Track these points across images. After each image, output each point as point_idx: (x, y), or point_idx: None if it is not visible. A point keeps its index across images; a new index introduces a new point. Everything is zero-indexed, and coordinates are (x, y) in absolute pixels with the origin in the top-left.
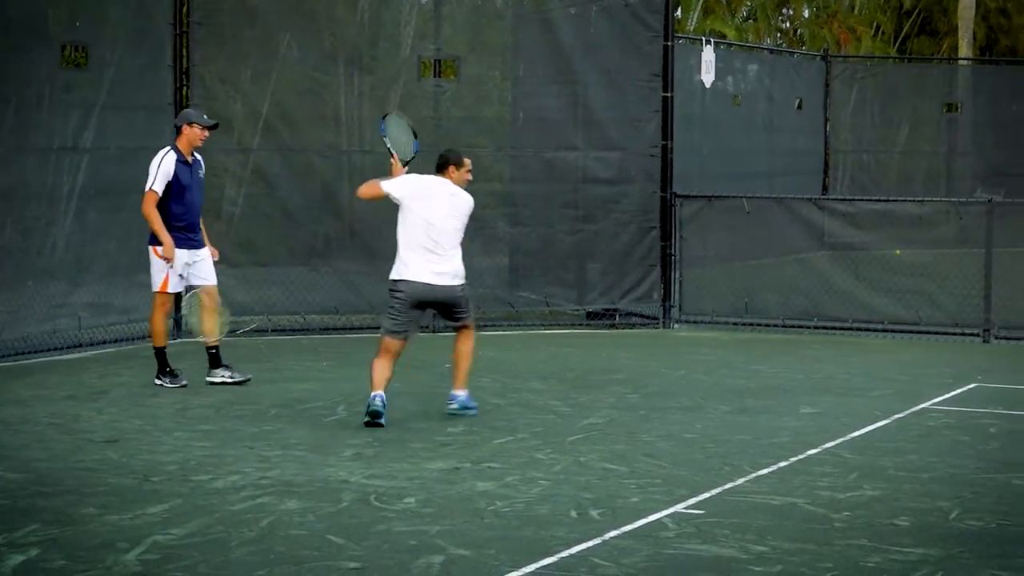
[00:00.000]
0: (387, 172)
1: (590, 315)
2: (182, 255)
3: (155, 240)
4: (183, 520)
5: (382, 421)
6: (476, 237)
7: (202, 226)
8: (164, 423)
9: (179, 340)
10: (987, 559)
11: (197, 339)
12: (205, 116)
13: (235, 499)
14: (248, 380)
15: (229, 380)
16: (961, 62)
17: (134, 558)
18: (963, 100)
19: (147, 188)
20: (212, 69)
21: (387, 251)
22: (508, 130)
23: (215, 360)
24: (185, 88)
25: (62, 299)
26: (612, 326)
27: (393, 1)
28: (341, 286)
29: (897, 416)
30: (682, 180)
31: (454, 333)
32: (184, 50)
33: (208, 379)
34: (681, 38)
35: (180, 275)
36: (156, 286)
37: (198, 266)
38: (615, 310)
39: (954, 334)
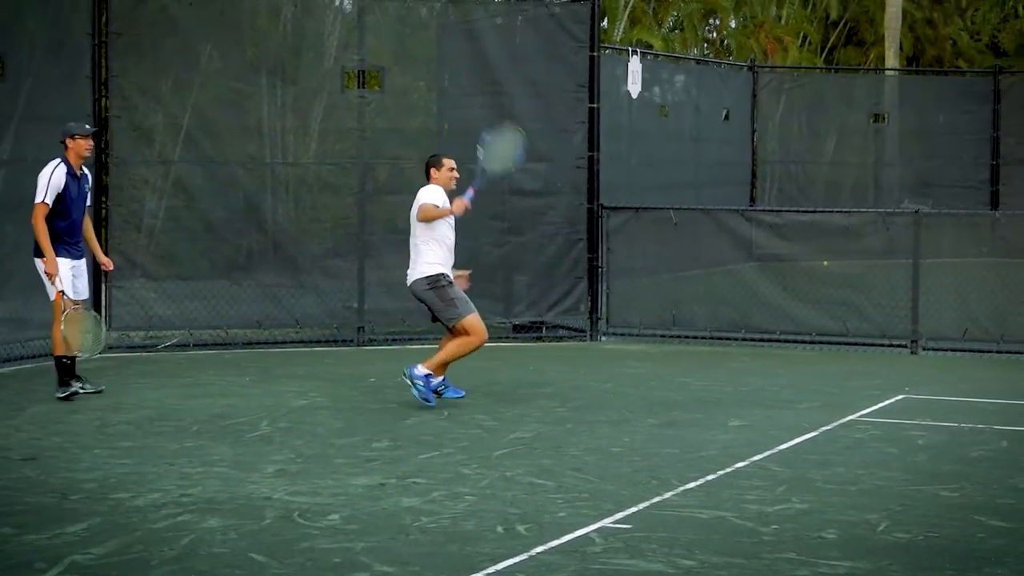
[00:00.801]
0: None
1: (517, 328)
2: (65, 263)
3: (40, 253)
4: (102, 539)
5: None
6: (402, 249)
7: (91, 235)
8: (83, 440)
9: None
10: (916, 571)
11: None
12: (86, 126)
13: (156, 517)
14: (101, 391)
15: (81, 391)
16: (888, 72)
17: None
18: (890, 111)
19: (37, 201)
20: (132, 80)
21: (310, 264)
22: (434, 141)
23: (70, 371)
24: (104, 99)
25: None
26: (539, 339)
27: (316, 11)
28: (264, 299)
29: (825, 428)
30: (609, 191)
31: (383, 347)
32: (103, 60)
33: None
34: (607, 48)
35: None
36: (52, 295)
37: (75, 279)
38: (542, 323)
39: (882, 345)
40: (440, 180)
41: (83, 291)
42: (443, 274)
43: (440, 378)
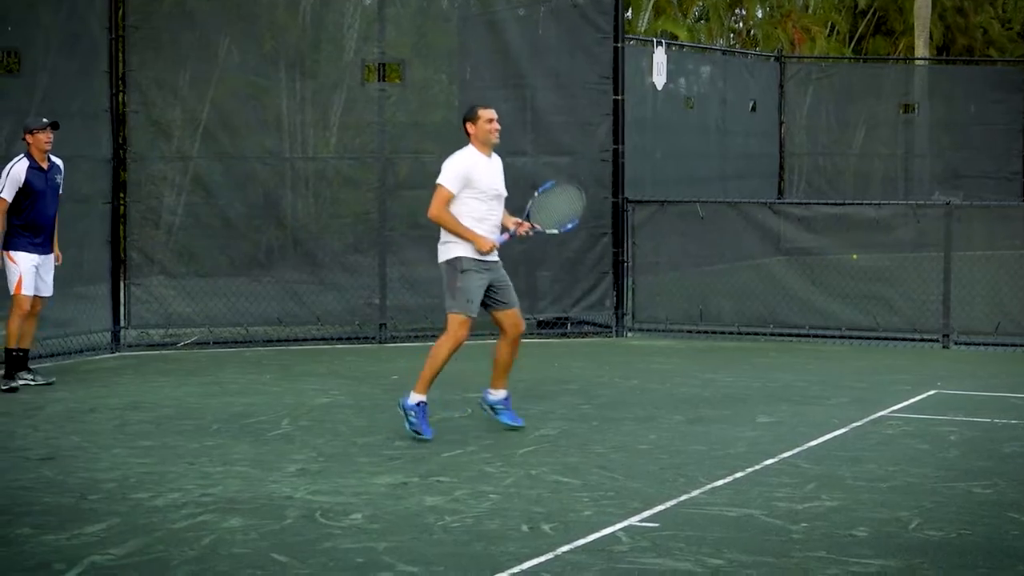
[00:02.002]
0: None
1: (541, 324)
2: (31, 259)
3: (7, 246)
4: (122, 539)
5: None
6: (424, 245)
7: (55, 231)
8: (102, 439)
9: (117, 353)
10: (948, 570)
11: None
12: (44, 120)
13: (176, 517)
14: (52, 383)
15: (32, 383)
16: (918, 62)
17: None
18: (920, 101)
19: None
20: (149, 74)
21: (331, 260)
22: (455, 135)
23: (20, 364)
24: (121, 94)
25: None
26: (563, 335)
27: (336, 3)
28: (284, 296)
29: (855, 424)
30: (634, 185)
31: (405, 344)
32: (120, 55)
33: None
34: (632, 39)
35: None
36: (12, 288)
37: (41, 273)
38: (566, 319)
39: (912, 340)
40: (479, 136)
41: (44, 289)
42: (461, 258)
43: (501, 395)
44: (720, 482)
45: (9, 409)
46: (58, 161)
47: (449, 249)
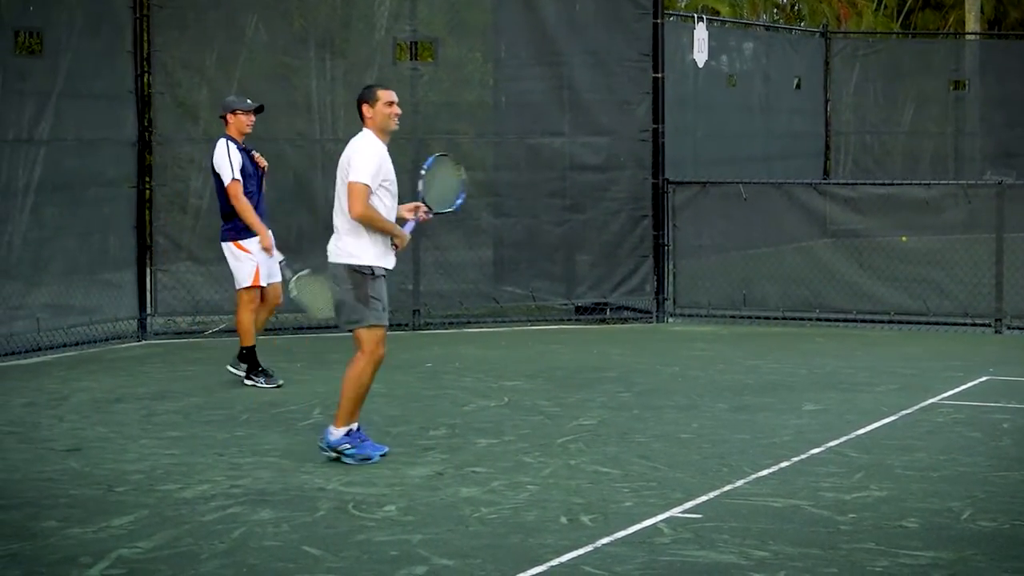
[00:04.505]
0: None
1: (579, 310)
2: (257, 246)
3: (240, 234)
4: (150, 532)
5: None
6: (457, 229)
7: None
8: (129, 430)
9: (144, 341)
10: (1001, 561)
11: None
12: (249, 101)
13: (205, 509)
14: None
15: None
16: (968, 37)
17: (98, 573)
18: (971, 77)
19: (228, 180)
20: (175, 54)
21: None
22: (490, 115)
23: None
24: (146, 75)
25: (19, 300)
26: (603, 321)
27: None
28: None
29: (904, 412)
30: (675, 166)
31: (439, 331)
32: (145, 34)
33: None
34: (672, 15)
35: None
36: (248, 280)
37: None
38: (606, 304)
39: (964, 324)
40: (376, 121)
41: (277, 273)
42: (373, 265)
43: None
44: (765, 472)
45: (34, 399)
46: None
47: (360, 253)
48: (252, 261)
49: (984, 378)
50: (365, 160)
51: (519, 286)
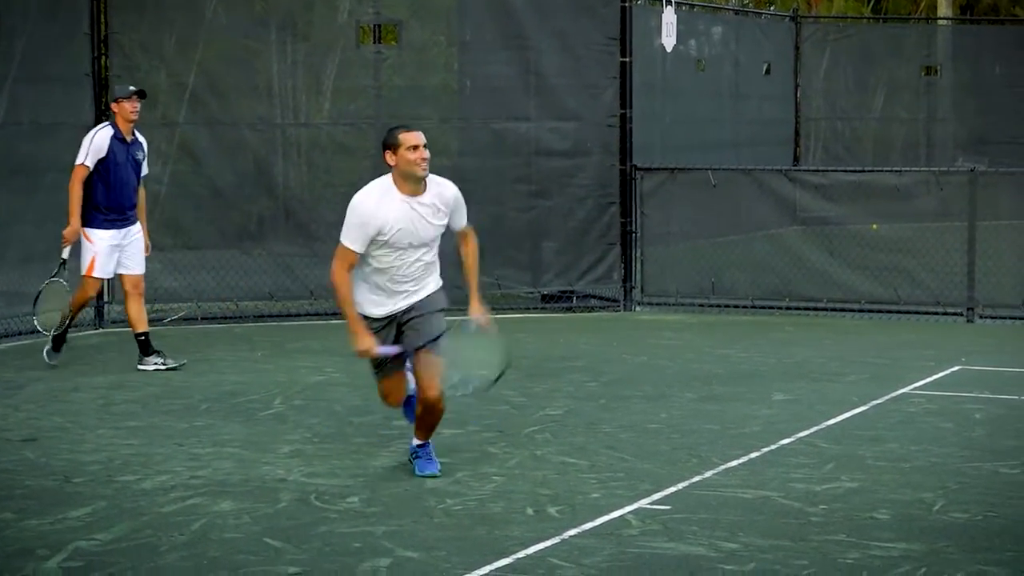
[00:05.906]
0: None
1: (545, 298)
2: (107, 237)
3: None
4: (108, 524)
5: None
6: None
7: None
8: (86, 420)
9: (101, 329)
10: (973, 553)
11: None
12: (130, 87)
13: (164, 501)
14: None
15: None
16: (940, 22)
17: (55, 565)
18: (943, 63)
19: (77, 162)
20: (133, 37)
21: (324, 232)
22: (455, 100)
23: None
24: (104, 58)
25: None
26: (569, 309)
27: None
28: (276, 270)
29: (875, 402)
30: (642, 152)
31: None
32: (102, 17)
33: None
34: None
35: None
36: (84, 268)
37: (127, 251)
38: (572, 292)
39: (935, 313)
40: (400, 168)
41: (138, 266)
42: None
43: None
44: (734, 462)
45: None
46: (142, 139)
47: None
48: (91, 251)
49: (956, 367)
50: (348, 218)
51: (484, 274)
